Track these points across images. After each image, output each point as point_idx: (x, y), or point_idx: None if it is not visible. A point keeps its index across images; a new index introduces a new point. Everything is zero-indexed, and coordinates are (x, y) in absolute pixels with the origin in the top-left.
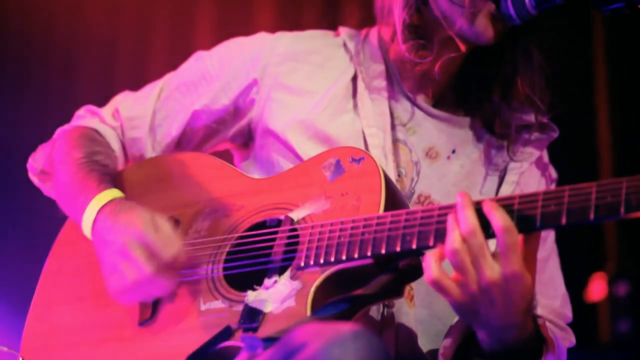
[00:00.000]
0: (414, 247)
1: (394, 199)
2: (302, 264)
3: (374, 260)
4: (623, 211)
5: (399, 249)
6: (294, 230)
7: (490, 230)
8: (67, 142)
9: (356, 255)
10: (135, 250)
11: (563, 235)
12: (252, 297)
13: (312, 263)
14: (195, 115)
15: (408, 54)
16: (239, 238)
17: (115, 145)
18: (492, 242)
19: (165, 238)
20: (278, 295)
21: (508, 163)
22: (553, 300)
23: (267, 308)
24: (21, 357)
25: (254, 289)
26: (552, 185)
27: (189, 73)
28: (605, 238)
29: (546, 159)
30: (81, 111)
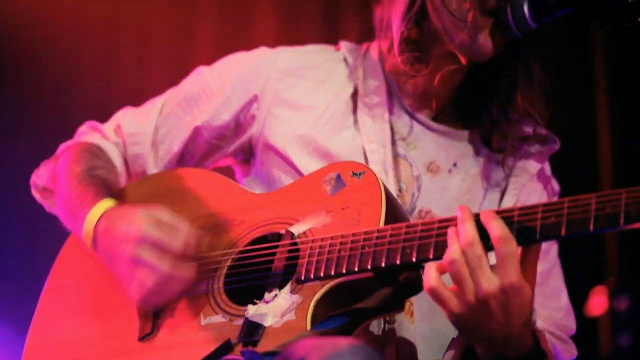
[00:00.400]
0: (414, 260)
1: (395, 213)
2: (302, 278)
3: (374, 273)
4: (622, 222)
5: (399, 262)
6: (295, 244)
7: (490, 242)
8: (69, 158)
9: (356, 268)
10: (145, 253)
11: (564, 248)
12: (252, 311)
13: (312, 277)
14: (196, 131)
15: (403, 66)
16: (240, 253)
17: (117, 160)
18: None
19: (168, 229)
20: (278, 309)
21: (509, 177)
22: (556, 312)
23: (267, 322)
24: None
25: (254, 303)
26: (555, 198)
27: (190, 89)
28: (606, 251)
29: (548, 172)
30: (83, 127)
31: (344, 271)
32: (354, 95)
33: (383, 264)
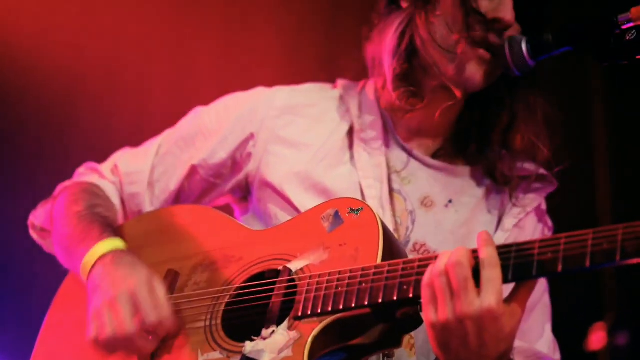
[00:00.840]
0: (411, 296)
1: (392, 249)
2: (300, 314)
3: (372, 309)
4: (619, 258)
5: (396, 298)
6: (292, 280)
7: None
8: (68, 198)
9: (353, 304)
10: (123, 305)
11: (563, 284)
12: (250, 348)
13: (310, 313)
14: (193, 169)
15: (399, 102)
16: (238, 289)
17: (115, 199)
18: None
19: (155, 301)
20: (275, 345)
21: (506, 208)
22: (536, 344)
23: (265, 358)
24: None
25: (252, 340)
26: (549, 233)
27: (188, 128)
28: (604, 287)
29: (544, 206)
30: (82, 169)
31: (341, 307)
32: (350, 132)
33: (380, 300)
